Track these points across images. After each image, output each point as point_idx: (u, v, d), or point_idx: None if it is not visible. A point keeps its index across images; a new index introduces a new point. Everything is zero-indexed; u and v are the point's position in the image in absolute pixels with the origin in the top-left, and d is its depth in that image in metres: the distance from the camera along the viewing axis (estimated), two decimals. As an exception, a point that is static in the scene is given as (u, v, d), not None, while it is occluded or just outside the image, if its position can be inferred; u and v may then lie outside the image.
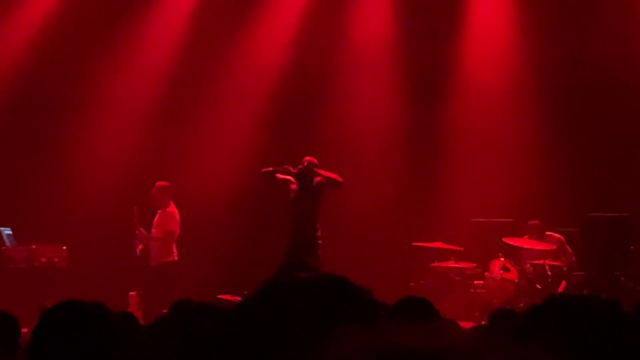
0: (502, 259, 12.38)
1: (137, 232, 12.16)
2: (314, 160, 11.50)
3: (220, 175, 14.04)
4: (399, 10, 14.61)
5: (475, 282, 12.48)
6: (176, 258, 12.29)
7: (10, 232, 12.81)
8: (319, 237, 11.33)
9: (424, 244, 12.70)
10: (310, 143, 12.65)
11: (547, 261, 12.15)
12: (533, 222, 12.46)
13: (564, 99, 14.07)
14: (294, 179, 11.50)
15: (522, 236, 12.48)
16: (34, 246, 12.64)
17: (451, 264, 12.50)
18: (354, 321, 1.67)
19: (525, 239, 12.43)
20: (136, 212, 12.14)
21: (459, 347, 1.19)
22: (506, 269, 12.31)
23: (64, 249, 12.77)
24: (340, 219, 13.28)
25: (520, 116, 14.11)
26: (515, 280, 12.22)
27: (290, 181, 11.54)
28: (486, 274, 12.44)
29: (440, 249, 12.58)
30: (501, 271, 12.32)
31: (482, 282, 12.43)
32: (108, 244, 13.38)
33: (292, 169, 11.49)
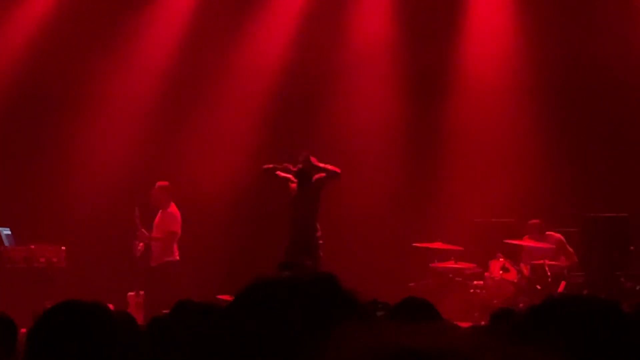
0: (501, 259, 12.38)
1: (138, 233, 12.15)
2: (311, 156, 11.47)
3: (220, 175, 14.04)
4: (399, 10, 14.61)
5: (475, 282, 12.48)
6: (177, 258, 12.29)
7: (9, 232, 12.80)
8: (319, 237, 11.32)
9: (423, 244, 12.69)
10: (310, 143, 12.63)
11: (547, 261, 12.15)
12: (534, 222, 12.47)
13: (564, 99, 14.07)
14: (294, 177, 11.49)
15: (522, 236, 12.49)
16: (32, 246, 12.62)
17: (451, 264, 12.50)
18: (338, 320, 1.68)
19: (526, 238, 12.44)
20: (137, 213, 12.14)
21: (459, 347, 1.19)
22: (506, 269, 12.31)
23: (63, 249, 12.75)
24: (340, 219, 13.27)
25: (521, 116, 14.11)
26: (515, 281, 12.22)
27: (290, 180, 11.53)
28: (486, 274, 12.44)
29: (440, 249, 12.58)
30: (501, 271, 12.32)
31: (481, 282, 12.43)
32: (107, 244, 13.38)
33: (291, 167, 11.49)
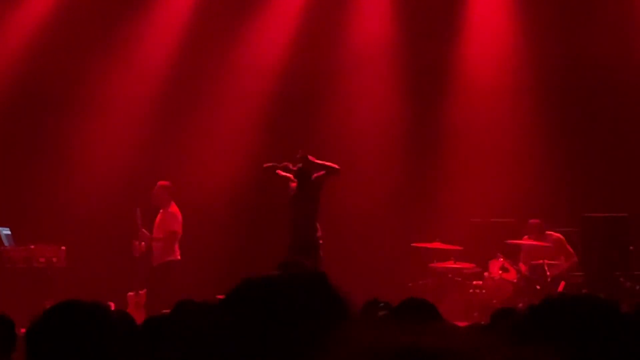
0: (501, 259, 12.38)
1: (140, 233, 12.15)
2: (308, 154, 11.44)
3: (220, 175, 14.03)
4: (399, 10, 14.61)
5: (474, 282, 12.48)
6: (179, 258, 12.29)
7: (9, 232, 12.79)
8: (319, 237, 11.30)
9: (423, 244, 12.69)
10: (310, 143, 12.63)
11: (546, 261, 12.15)
12: (534, 221, 12.47)
13: (564, 99, 14.07)
14: (294, 177, 11.49)
15: (521, 235, 12.49)
16: (32, 246, 12.62)
17: (450, 264, 12.50)
18: (327, 319, 1.68)
19: (525, 238, 12.44)
20: (139, 214, 12.13)
21: (461, 346, 1.19)
22: (505, 269, 12.31)
23: (62, 249, 12.75)
24: (340, 219, 13.27)
25: (520, 116, 14.11)
26: (514, 281, 12.22)
27: (290, 179, 11.53)
28: (485, 274, 12.45)
29: (439, 249, 12.58)
30: (500, 271, 12.33)
31: (481, 282, 12.43)
32: (107, 244, 13.37)
33: (291, 166, 11.48)
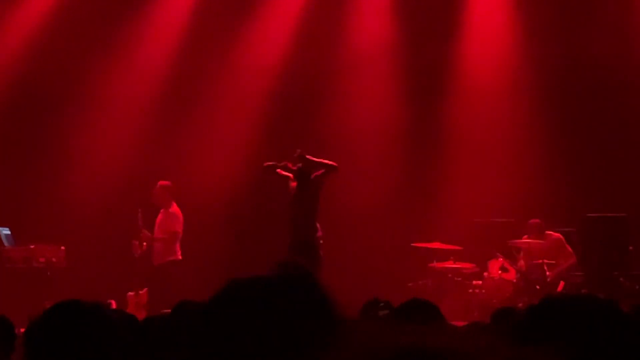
0: (500, 259, 12.38)
1: (141, 235, 12.14)
2: (305, 153, 11.43)
3: (220, 174, 14.03)
4: (398, 10, 14.61)
5: (474, 282, 12.48)
6: (180, 257, 12.29)
7: (9, 232, 12.80)
8: (319, 237, 11.30)
9: (422, 244, 12.70)
10: (309, 143, 12.63)
11: (546, 261, 12.15)
12: (534, 221, 12.47)
13: (564, 99, 14.07)
14: (293, 177, 11.49)
15: (521, 235, 12.49)
16: (32, 246, 12.62)
17: (450, 264, 12.51)
18: (310, 321, 1.69)
19: (525, 238, 12.44)
20: (140, 215, 12.12)
21: (463, 347, 1.19)
22: (505, 269, 12.32)
23: (62, 249, 12.75)
24: (340, 219, 13.27)
25: (520, 116, 14.11)
26: (514, 281, 12.23)
27: (290, 179, 11.53)
28: (485, 274, 12.45)
29: (439, 249, 12.59)
30: (500, 271, 12.33)
31: (480, 282, 12.44)
32: (106, 244, 13.37)
33: (291, 165, 11.48)
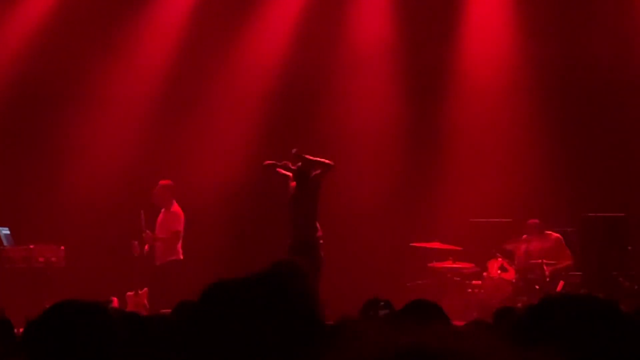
0: (500, 259, 12.38)
1: (143, 235, 12.15)
2: (300, 152, 11.41)
3: (220, 174, 14.03)
4: (398, 10, 14.61)
5: (473, 282, 12.49)
6: (181, 257, 12.29)
7: (8, 232, 12.80)
8: (319, 237, 11.30)
9: (421, 244, 12.70)
10: (309, 142, 12.63)
11: (545, 261, 12.15)
12: (533, 221, 12.48)
13: (563, 99, 14.07)
14: (293, 176, 11.49)
15: (520, 235, 12.49)
16: (32, 246, 12.62)
17: (449, 264, 12.51)
18: (291, 321, 1.69)
19: (524, 238, 12.44)
20: (143, 216, 12.12)
21: (465, 347, 1.19)
22: (504, 269, 12.32)
23: (62, 249, 12.75)
24: (339, 218, 13.27)
25: (520, 116, 14.11)
26: (513, 281, 12.22)
27: (290, 178, 11.53)
28: (484, 274, 12.45)
29: (438, 249, 12.59)
30: (499, 271, 12.33)
31: (480, 282, 12.44)
32: (106, 243, 13.37)
33: (291, 165, 11.49)
